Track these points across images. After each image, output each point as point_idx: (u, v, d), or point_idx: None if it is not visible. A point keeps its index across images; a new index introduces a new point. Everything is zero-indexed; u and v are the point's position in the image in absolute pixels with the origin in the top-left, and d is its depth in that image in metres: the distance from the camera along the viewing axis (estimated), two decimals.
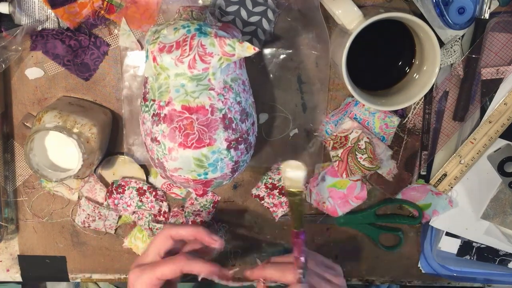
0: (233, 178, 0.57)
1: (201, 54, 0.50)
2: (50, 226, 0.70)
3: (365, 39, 0.56)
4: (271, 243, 0.72)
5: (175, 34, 0.51)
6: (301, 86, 0.65)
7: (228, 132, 0.52)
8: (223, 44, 0.50)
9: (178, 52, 0.50)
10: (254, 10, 0.61)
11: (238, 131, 0.53)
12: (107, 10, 0.61)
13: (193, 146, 0.51)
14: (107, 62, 0.64)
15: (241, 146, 0.54)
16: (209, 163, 0.52)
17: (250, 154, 0.57)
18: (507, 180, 0.67)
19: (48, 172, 0.61)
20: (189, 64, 0.50)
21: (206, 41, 0.50)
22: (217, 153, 0.52)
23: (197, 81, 0.51)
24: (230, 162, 0.53)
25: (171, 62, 0.50)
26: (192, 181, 0.54)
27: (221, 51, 0.50)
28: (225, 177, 0.55)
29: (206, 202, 0.69)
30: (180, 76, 0.51)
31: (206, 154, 0.52)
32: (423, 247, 0.72)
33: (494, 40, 0.63)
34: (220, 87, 0.52)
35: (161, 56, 0.50)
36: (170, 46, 0.50)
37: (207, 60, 0.50)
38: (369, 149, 0.64)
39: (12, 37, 0.58)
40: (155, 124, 0.53)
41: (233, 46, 0.50)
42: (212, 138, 0.52)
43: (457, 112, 0.66)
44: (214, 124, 0.51)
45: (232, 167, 0.54)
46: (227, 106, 0.52)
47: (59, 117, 0.59)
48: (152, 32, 0.53)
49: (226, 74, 0.52)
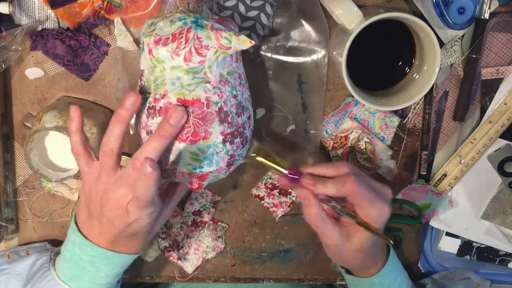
0: (228, 172, 0.56)
1: (197, 47, 0.50)
2: (50, 226, 0.70)
3: (365, 39, 0.56)
4: (271, 243, 0.72)
5: (171, 27, 0.51)
6: (301, 86, 0.65)
7: (223, 125, 0.52)
8: (219, 37, 0.50)
9: (174, 44, 0.50)
10: (252, 4, 0.61)
11: (234, 124, 0.53)
12: (107, 10, 0.61)
13: (188, 140, 0.51)
14: (107, 62, 0.64)
15: (237, 140, 0.53)
16: (204, 156, 0.52)
17: (246, 148, 0.56)
18: (507, 180, 0.67)
19: (48, 172, 0.61)
20: (185, 57, 0.50)
21: (202, 34, 0.50)
22: (212, 147, 0.52)
23: (193, 74, 0.50)
24: (225, 156, 0.53)
25: (167, 55, 0.50)
26: (187, 174, 0.54)
27: (217, 44, 0.50)
28: (221, 171, 0.54)
29: (206, 202, 0.69)
30: (176, 69, 0.50)
31: (201, 147, 0.51)
32: (423, 247, 0.72)
33: (494, 40, 0.63)
34: (216, 80, 0.51)
35: (157, 49, 0.50)
36: (166, 39, 0.50)
37: (203, 53, 0.50)
38: (369, 149, 0.64)
39: (12, 37, 0.58)
40: (150, 116, 0.52)
41: (229, 39, 0.50)
42: (207, 132, 0.51)
43: (457, 112, 0.66)
44: (209, 117, 0.51)
45: (227, 161, 0.54)
46: (223, 99, 0.52)
47: (59, 117, 0.59)
48: (148, 25, 0.53)
49: (222, 68, 0.52)
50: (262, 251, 0.72)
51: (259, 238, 0.71)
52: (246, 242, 0.72)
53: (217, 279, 0.73)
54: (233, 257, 0.72)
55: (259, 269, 0.73)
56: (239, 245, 0.72)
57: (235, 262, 0.72)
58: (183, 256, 0.70)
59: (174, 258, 0.70)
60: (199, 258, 0.71)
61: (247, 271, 0.73)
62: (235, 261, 0.72)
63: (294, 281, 0.74)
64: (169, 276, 0.72)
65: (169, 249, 0.69)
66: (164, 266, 0.72)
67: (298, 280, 0.74)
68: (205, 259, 0.71)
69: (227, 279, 0.73)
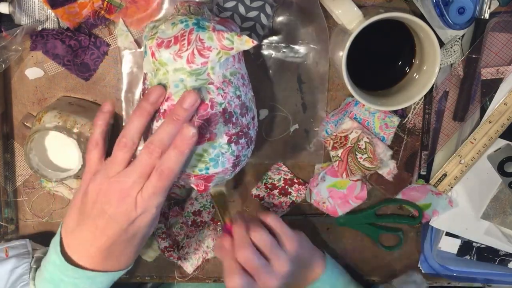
0: (234, 173, 0.56)
1: (200, 48, 0.50)
2: (50, 226, 0.70)
3: (365, 39, 0.56)
4: None
5: (173, 29, 0.51)
6: (301, 86, 0.65)
7: (228, 126, 0.52)
8: (221, 38, 0.50)
9: (176, 47, 0.50)
10: (252, 5, 0.61)
11: (239, 125, 0.53)
12: (107, 10, 0.61)
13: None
14: (107, 62, 0.64)
15: (242, 140, 0.54)
16: (210, 158, 0.52)
17: (251, 149, 0.57)
18: (507, 180, 0.67)
19: (48, 172, 0.61)
20: (187, 59, 0.50)
21: (204, 35, 0.50)
22: (218, 148, 0.52)
23: (196, 76, 0.51)
24: (231, 156, 0.53)
25: (169, 57, 0.50)
26: (193, 176, 0.54)
27: (220, 45, 0.50)
28: (227, 172, 0.54)
29: (206, 202, 0.69)
30: (179, 71, 0.50)
31: (206, 149, 0.51)
32: (423, 247, 0.72)
33: (494, 40, 0.63)
34: (219, 81, 0.51)
35: (160, 51, 0.50)
36: (168, 41, 0.50)
37: (206, 54, 0.50)
38: (369, 149, 0.64)
39: (12, 37, 0.58)
40: (154, 119, 0.52)
41: (231, 39, 0.50)
42: (212, 133, 0.51)
43: (457, 112, 0.66)
44: (214, 118, 0.51)
45: (233, 161, 0.54)
46: (227, 100, 0.52)
47: (59, 117, 0.59)
48: (150, 28, 0.53)
49: (225, 69, 0.52)
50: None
51: None
52: None
53: (217, 279, 0.73)
54: None
55: None
56: None
57: None
58: (183, 256, 0.70)
59: (174, 258, 0.70)
60: (199, 258, 0.71)
61: None
62: None
63: None
64: (169, 276, 0.72)
65: (169, 249, 0.69)
66: (164, 266, 0.72)
67: None
68: (205, 259, 0.71)
69: None
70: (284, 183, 0.69)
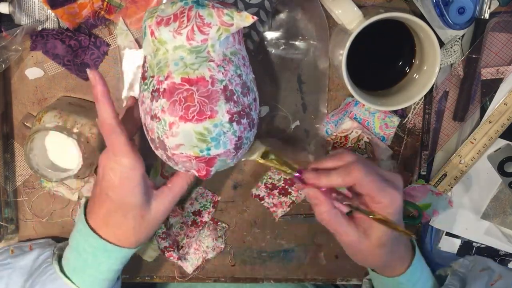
0: (237, 158, 0.55)
1: (199, 25, 0.49)
2: (50, 226, 0.70)
3: (365, 39, 0.56)
4: (271, 243, 0.72)
5: (173, 7, 0.51)
6: (301, 86, 0.65)
7: (229, 104, 0.51)
8: (221, 14, 0.49)
9: (176, 24, 0.50)
10: (251, 1, 0.61)
11: (240, 104, 0.52)
12: (106, 10, 0.61)
13: (194, 119, 0.50)
14: (107, 62, 0.64)
15: (243, 120, 0.52)
16: (211, 137, 0.51)
17: (254, 132, 0.55)
18: (507, 180, 0.67)
19: (48, 172, 0.61)
20: (187, 36, 0.49)
21: (204, 12, 0.50)
22: (219, 126, 0.51)
23: (196, 53, 0.50)
24: (233, 136, 0.52)
25: (169, 35, 0.50)
26: (194, 158, 0.52)
27: (219, 21, 0.50)
28: (229, 154, 0.53)
29: (206, 202, 0.69)
30: (178, 49, 0.50)
31: (208, 127, 0.50)
32: (423, 247, 0.72)
33: (494, 40, 0.63)
34: (219, 59, 0.51)
35: (159, 30, 0.50)
36: (167, 19, 0.50)
37: (206, 31, 0.50)
38: (369, 149, 0.64)
39: (12, 37, 0.58)
40: (154, 100, 0.51)
41: (231, 15, 0.49)
42: (213, 110, 0.50)
43: (457, 112, 0.66)
44: (215, 95, 0.50)
45: (235, 142, 0.52)
46: (228, 78, 0.51)
47: (59, 117, 0.59)
48: (149, 12, 0.53)
49: (225, 47, 0.51)
50: (262, 251, 0.72)
51: (259, 238, 0.71)
52: (246, 242, 0.72)
53: (217, 279, 0.73)
54: (233, 257, 0.72)
55: (259, 269, 0.73)
56: (239, 245, 0.72)
57: (235, 262, 0.72)
58: (183, 256, 0.70)
59: (174, 258, 0.70)
60: (199, 258, 0.71)
61: (247, 271, 0.73)
62: (235, 261, 0.72)
63: (294, 281, 0.74)
64: (169, 276, 0.72)
65: (169, 249, 0.69)
66: (164, 266, 0.72)
67: (298, 280, 0.74)
68: (205, 259, 0.71)
69: (227, 279, 0.73)
70: (284, 183, 0.69)
